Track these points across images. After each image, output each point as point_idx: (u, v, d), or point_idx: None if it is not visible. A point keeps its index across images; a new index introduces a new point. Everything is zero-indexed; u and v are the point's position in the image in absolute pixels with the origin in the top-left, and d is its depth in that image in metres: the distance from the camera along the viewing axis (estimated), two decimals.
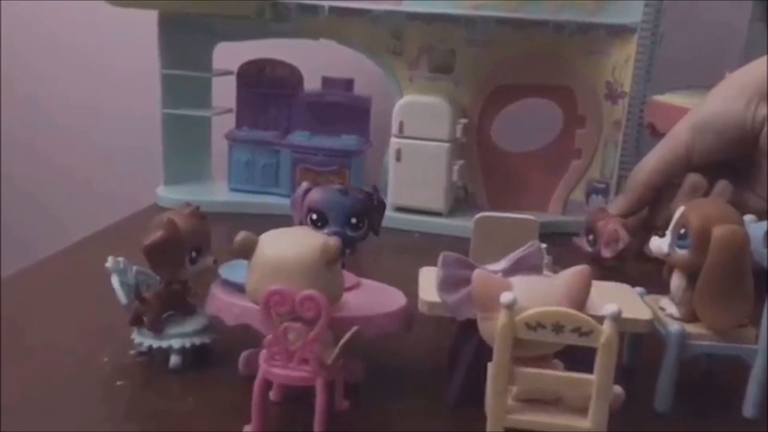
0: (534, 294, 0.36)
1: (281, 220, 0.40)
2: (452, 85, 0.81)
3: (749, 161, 0.57)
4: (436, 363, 0.49)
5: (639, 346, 0.49)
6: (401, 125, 0.79)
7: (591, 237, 0.63)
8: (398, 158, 0.80)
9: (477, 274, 0.37)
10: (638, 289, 0.47)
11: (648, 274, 0.50)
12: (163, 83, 0.83)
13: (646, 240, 0.60)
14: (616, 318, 0.34)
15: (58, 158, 1.20)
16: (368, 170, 0.86)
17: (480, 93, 0.82)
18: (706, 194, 0.57)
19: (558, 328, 0.35)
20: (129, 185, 1.06)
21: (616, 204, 0.63)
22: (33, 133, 1.20)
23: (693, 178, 0.57)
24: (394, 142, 0.80)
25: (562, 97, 0.82)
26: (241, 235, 0.38)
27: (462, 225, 0.77)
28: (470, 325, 0.40)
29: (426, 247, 0.74)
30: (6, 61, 1.16)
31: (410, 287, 0.46)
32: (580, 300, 0.36)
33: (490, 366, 0.41)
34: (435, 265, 0.47)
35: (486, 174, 0.84)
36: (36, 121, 1.19)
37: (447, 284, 0.38)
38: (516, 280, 0.37)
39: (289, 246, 0.38)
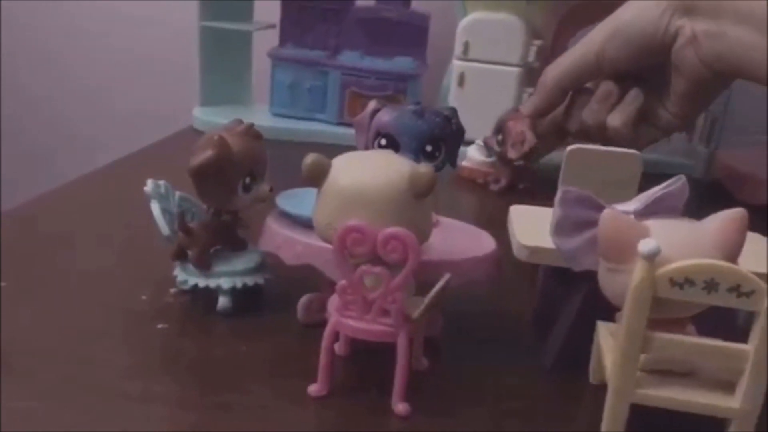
0: (678, 242, 0.29)
1: (328, 149, 0.33)
2: (524, 1, 0.72)
3: (661, 74, 0.56)
4: (520, 315, 0.42)
5: None
6: (466, 46, 0.71)
7: (500, 137, 0.63)
8: (461, 83, 0.72)
9: (607, 214, 0.29)
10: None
11: None
12: None
13: (557, 144, 0.62)
14: None
15: (84, 74, 1.12)
16: (425, 96, 0.78)
17: (554, 12, 0.73)
18: (618, 102, 0.56)
19: (711, 286, 0.28)
20: (162, 105, 0.99)
21: (527, 104, 0.62)
22: (57, 45, 1.11)
23: (606, 86, 0.57)
24: (457, 65, 0.72)
25: None
26: (310, 158, 0.31)
27: None
28: (574, 275, 0.34)
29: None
30: None
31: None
32: (734, 252, 0.29)
33: (600, 325, 0.35)
34: (497, 204, 0.41)
35: None
36: (60, 31, 1.10)
37: (565, 227, 0.31)
38: (654, 225, 0.30)
39: (371, 173, 0.31)
